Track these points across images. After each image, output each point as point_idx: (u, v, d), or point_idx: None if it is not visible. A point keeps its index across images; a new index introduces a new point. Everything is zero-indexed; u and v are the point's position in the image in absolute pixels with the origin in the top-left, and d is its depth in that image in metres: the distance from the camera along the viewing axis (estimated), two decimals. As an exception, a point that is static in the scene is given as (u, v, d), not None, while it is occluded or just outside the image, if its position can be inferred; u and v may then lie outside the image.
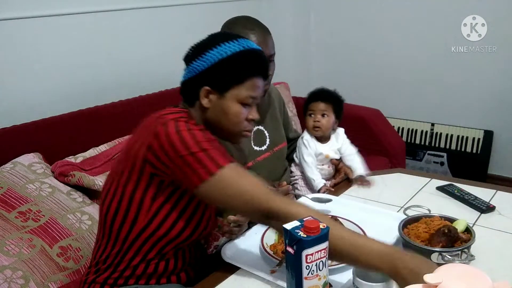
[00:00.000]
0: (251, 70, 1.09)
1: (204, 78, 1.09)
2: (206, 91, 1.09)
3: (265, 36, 1.44)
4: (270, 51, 1.45)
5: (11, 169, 1.45)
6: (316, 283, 0.91)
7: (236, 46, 1.08)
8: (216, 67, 1.07)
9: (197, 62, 1.09)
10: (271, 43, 1.46)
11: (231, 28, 1.45)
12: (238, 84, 1.08)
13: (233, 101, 1.09)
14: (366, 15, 3.18)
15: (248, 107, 1.12)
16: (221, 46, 1.07)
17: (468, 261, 1.04)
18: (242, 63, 1.08)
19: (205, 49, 1.08)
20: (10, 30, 1.76)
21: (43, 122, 1.67)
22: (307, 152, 1.65)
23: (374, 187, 1.58)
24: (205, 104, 1.10)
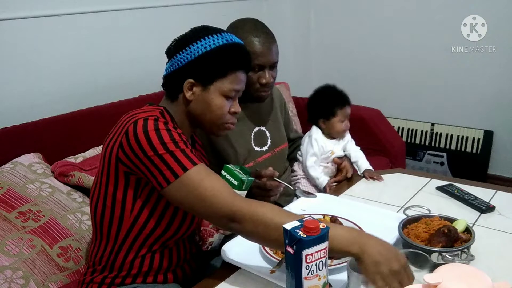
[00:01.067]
0: (234, 64, 1.11)
1: (187, 71, 1.10)
2: (189, 84, 1.10)
3: (269, 43, 1.44)
4: (274, 59, 1.46)
5: (11, 169, 1.45)
6: (316, 283, 0.91)
7: (220, 39, 1.10)
8: (199, 60, 1.08)
9: (181, 55, 1.10)
10: (275, 50, 1.46)
11: (236, 32, 1.44)
12: (222, 77, 1.10)
13: (216, 94, 1.11)
14: (366, 15, 3.18)
15: (231, 100, 1.14)
16: (204, 40, 1.09)
17: (468, 261, 1.04)
18: (225, 57, 1.10)
19: (189, 43, 1.10)
20: (10, 30, 1.76)
21: (43, 122, 1.67)
22: (312, 152, 1.65)
23: (374, 187, 1.58)
24: (188, 96, 1.11)
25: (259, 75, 1.44)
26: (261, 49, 1.41)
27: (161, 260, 1.13)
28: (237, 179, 1.16)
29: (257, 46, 1.41)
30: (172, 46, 1.14)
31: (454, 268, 0.98)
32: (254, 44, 1.41)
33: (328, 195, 1.52)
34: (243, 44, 1.16)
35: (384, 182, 1.61)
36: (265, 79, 1.44)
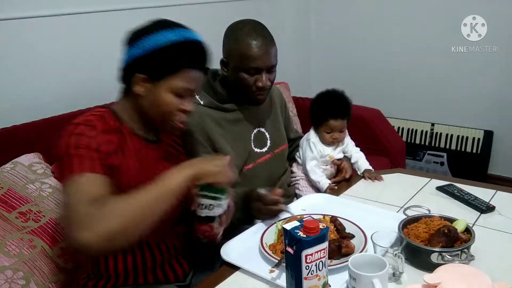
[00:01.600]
0: (187, 62, 1.08)
1: (138, 65, 1.08)
2: (140, 78, 1.08)
3: (267, 47, 1.42)
4: (271, 62, 1.44)
5: (11, 169, 1.45)
6: (316, 283, 0.91)
7: (174, 35, 1.07)
8: (150, 54, 1.06)
9: (133, 48, 1.08)
10: (273, 53, 1.44)
11: (235, 33, 1.45)
12: (172, 74, 1.07)
13: (166, 90, 1.08)
14: (366, 15, 3.18)
15: (183, 98, 1.11)
16: (158, 34, 1.06)
17: (468, 261, 1.04)
18: (177, 53, 1.06)
19: (142, 35, 1.07)
20: (10, 30, 1.76)
21: (43, 122, 1.67)
22: (312, 156, 1.65)
23: (374, 187, 1.58)
24: (138, 91, 1.09)
25: (256, 78, 1.43)
26: (258, 52, 1.40)
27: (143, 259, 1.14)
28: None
29: (254, 49, 1.39)
30: (127, 38, 1.11)
31: (454, 268, 0.98)
32: (251, 47, 1.39)
33: (328, 195, 1.52)
34: (199, 41, 1.11)
35: (384, 182, 1.61)
36: (261, 83, 1.43)
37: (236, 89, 1.47)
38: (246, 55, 1.40)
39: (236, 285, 1.07)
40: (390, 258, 1.00)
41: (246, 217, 1.38)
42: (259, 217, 1.35)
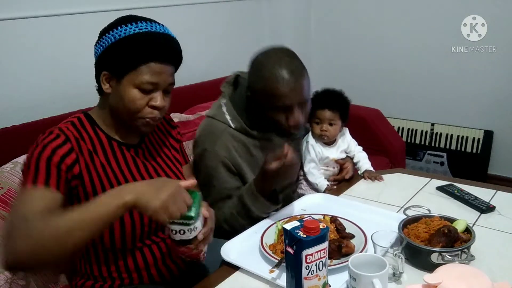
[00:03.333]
0: (147, 54, 1.03)
1: (102, 63, 1.06)
2: (105, 76, 1.06)
3: (296, 80, 1.29)
4: (302, 98, 1.31)
5: (11, 169, 1.45)
6: (316, 283, 0.91)
7: (133, 28, 1.03)
8: (110, 50, 1.03)
9: (97, 46, 1.07)
10: (305, 87, 1.31)
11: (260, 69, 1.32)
12: (133, 69, 1.03)
13: (129, 86, 1.04)
14: (366, 15, 3.18)
15: (149, 93, 1.05)
16: (117, 29, 1.04)
17: (468, 261, 1.04)
18: (135, 47, 1.02)
19: (105, 32, 1.05)
20: (10, 30, 1.76)
21: (43, 122, 1.68)
22: (309, 158, 1.65)
23: (374, 187, 1.58)
24: (105, 89, 1.07)
25: (287, 115, 1.31)
26: (285, 89, 1.26)
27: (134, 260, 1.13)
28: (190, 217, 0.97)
29: (280, 86, 1.26)
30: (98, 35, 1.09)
31: (454, 268, 0.98)
32: (277, 85, 1.26)
33: (328, 195, 1.52)
34: (159, 33, 1.05)
35: (384, 182, 1.61)
36: (293, 121, 1.31)
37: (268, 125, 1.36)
38: (271, 95, 1.28)
39: (236, 285, 1.07)
40: (390, 258, 1.00)
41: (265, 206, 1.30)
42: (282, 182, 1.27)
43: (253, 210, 1.30)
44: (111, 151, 1.10)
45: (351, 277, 0.92)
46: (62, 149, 1.00)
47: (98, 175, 1.06)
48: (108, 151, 1.10)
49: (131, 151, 1.14)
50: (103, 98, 1.11)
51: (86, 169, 1.04)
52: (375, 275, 0.89)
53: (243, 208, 1.31)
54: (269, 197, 1.30)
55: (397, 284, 1.01)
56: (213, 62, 2.40)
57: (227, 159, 1.35)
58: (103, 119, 1.12)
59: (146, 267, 1.14)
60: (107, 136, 1.11)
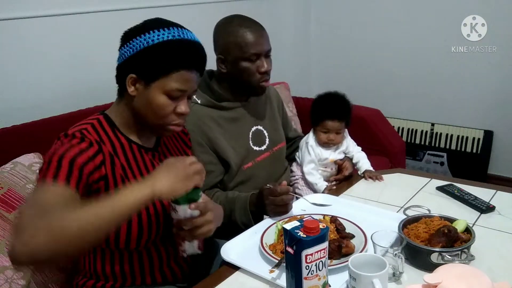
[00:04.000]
0: (180, 62, 1.03)
1: (130, 65, 1.05)
2: (132, 79, 1.05)
3: (261, 31, 1.47)
4: (268, 46, 1.48)
5: (12, 169, 1.45)
6: (316, 283, 0.91)
7: (166, 34, 1.03)
8: (142, 54, 1.03)
9: (126, 48, 1.06)
10: (267, 38, 1.49)
11: (225, 27, 1.48)
12: (165, 75, 1.03)
13: (159, 92, 1.04)
14: (366, 15, 3.18)
15: (177, 100, 1.06)
16: (150, 34, 1.03)
17: (468, 261, 1.04)
18: (169, 53, 1.02)
19: (135, 35, 1.04)
20: (10, 30, 1.76)
21: (43, 122, 1.67)
22: (309, 159, 1.65)
23: (374, 187, 1.58)
24: (131, 92, 1.06)
25: (257, 64, 1.46)
26: (254, 37, 1.44)
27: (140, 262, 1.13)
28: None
29: (249, 35, 1.43)
30: (122, 37, 1.08)
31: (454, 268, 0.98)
32: (246, 34, 1.43)
33: (328, 195, 1.52)
34: (193, 41, 1.07)
35: (384, 182, 1.61)
36: (264, 67, 1.46)
37: (239, 82, 1.49)
38: (244, 43, 1.43)
39: (236, 285, 1.07)
40: (390, 258, 1.00)
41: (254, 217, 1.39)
42: (273, 213, 1.33)
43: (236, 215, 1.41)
44: (131, 153, 1.10)
45: (351, 277, 0.92)
46: (87, 152, 1.00)
47: (121, 176, 1.06)
48: (128, 153, 1.10)
49: (149, 154, 1.14)
50: (124, 99, 1.10)
51: (111, 170, 1.04)
52: (375, 275, 0.89)
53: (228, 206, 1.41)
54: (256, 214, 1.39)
55: (397, 284, 1.01)
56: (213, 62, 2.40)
57: (196, 134, 1.43)
58: (122, 121, 1.11)
59: (151, 269, 1.14)
60: (127, 138, 1.11)
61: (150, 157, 1.14)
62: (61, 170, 0.94)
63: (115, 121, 1.11)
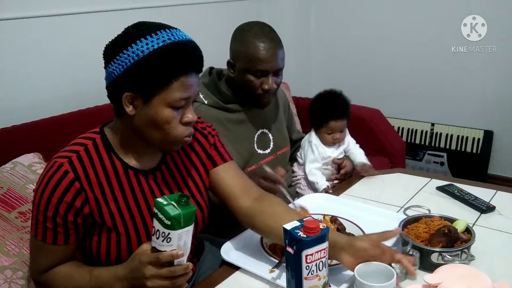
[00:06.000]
0: (177, 69, 0.93)
1: (123, 84, 0.94)
2: (128, 98, 0.95)
3: (274, 49, 1.41)
4: (278, 65, 1.43)
5: (11, 169, 1.45)
6: (316, 283, 0.91)
7: (155, 41, 0.92)
8: (134, 70, 0.92)
9: (114, 65, 0.95)
10: (280, 56, 1.43)
11: (243, 35, 1.45)
12: (164, 87, 0.93)
13: (162, 106, 0.94)
14: (366, 15, 3.18)
15: (181, 110, 0.97)
16: (137, 44, 0.92)
17: (468, 261, 1.04)
18: (164, 63, 0.92)
19: (121, 49, 0.94)
20: (10, 30, 1.76)
21: (43, 122, 1.67)
22: (313, 158, 1.65)
23: (374, 187, 1.58)
24: (129, 112, 0.96)
25: (262, 80, 1.43)
26: (265, 54, 1.39)
27: None
28: (168, 217, 0.85)
29: (261, 51, 1.39)
30: (105, 53, 0.98)
31: (454, 268, 0.98)
32: (259, 49, 1.39)
33: (328, 195, 1.52)
34: (184, 41, 0.96)
35: (384, 182, 1.61)
36: (267, 85, 1.42)
37: (242, 91, 1.48)
38: (253, 58, 1.40)
39: (236, 285, 1.07)
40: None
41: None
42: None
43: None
44: (127, 180, 1.03)
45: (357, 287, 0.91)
46: (69, 194, 0.96)
47: (109, 209, 1.00)
48: (123, 180, 1.03)
49: (149, 178, 1.06)
50: (121, 118, 1.01)
51: (97, 207, 0.99)
52: (382, 285, 0.87)
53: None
54: None
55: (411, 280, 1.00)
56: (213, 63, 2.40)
57: None
58: (120, 141, 1.03)
59: None
60: (123, 163, 1.03)
61: (151, 181, 1.07)
62: (47, 231, 0.99)
63: (113, 142, 1.03)
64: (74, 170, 0.97)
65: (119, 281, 0.94)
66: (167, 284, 0.87)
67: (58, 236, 0.99)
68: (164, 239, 0.85)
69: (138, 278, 0.89)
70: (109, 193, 1.00)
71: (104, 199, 1.00)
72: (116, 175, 1.02)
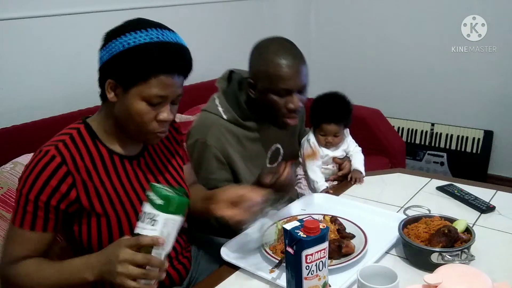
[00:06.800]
0: (159, 66, 0.96)
1: (108, 70, 0.99)
2: (111, 84, 0.99)
3: (298, 65, 1.33)
4: (302, 82, 1.35)
5: (11, 169, 1.45)
6: (316, 283, 0.91)
7: (144, 37, 0.96)
8: (118, 58, 0.97)
9: (104, 51, 1.00)
10: (305, 72, 1.35)
11: (261, 53, 1.36)
12: (143, 80, 0.97)
13: (137, 98, 0.98)
14: (366, 15, 3.18)
15: (158, 107, 1.00)
16: (126, 36, 0.96)
17: (468, 261, 1.04)
18: (146, 58, 0.95)
19: (113, 37, 0.98)
20: (10, 30, 1.76)
21: (43, 122, 1.68)
22: None
23: (374, 187, 1.58)
24: (110, 98, 1.00)
25: (287, 100, 1.34)
26: (288, 72, 1.30)
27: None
28: (161, 196, 0.88)
29: (284, 69, 1.30)
30: (102, 38, 1.02)
31: (454, 268, 0.98)
32: (280, 67, 1.30)
33: (328, 195, 1.52)
34: (173, 43, 0.99)
35: (384, 182, 1.61)
36: (293, 104, 1.34)
37: (265, 112, 1.39)
38: (275, 77, 1.31)
39: (236, 285, 1.07)
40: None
41: None
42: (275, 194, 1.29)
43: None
44: (112, 165, 1.06)
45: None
46: (55, 178, 0.97)
47: (98, 194, 1.02)
48: (108, 165, 1.05)
49: (133, 163, 1.10)
50: (106, 105, 1.05)
51: (84, 191, 1.00)
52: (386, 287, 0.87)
53: None
54: None
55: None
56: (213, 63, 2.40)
57: (217, 149, 1.38)
58: (104, 128, 1.07)
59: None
60: (108, 149, 1.06)
61: (134, 167, 1.10)
62: (26, 215, 0.98)
63: (97, 130, 1.06)
64: (61, 155, 0.99)
65: (89, 268, 0.92)
66: (137, 272, 0.85)
67: (37, 220, 0.98)
68: (150, 221, 0.87)
69: (110, 262, 0.87)
70: (96, 177, 1.03)
71: (92, 182, 1.02)
72: (101, 160, 1.05)
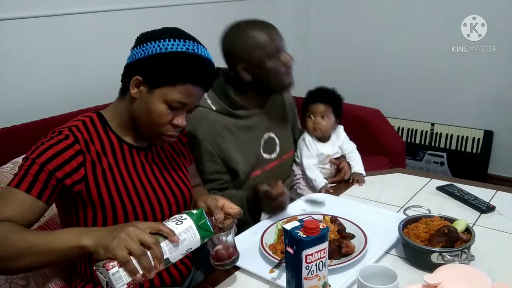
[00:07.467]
0: (188, 75, 1.03)
1: (138, 68, 1.04)
2: (137, 81, 1.05)
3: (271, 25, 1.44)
4: (283, 39, 1.45)
5: (11, 169, 1.45)
6: (316, 283, 0.91)
7: (181, 46, 1.03)
8: (152, 59, 1.03)
9: (138, 49, 1.05)
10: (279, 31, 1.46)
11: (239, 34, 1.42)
12: (170, 84, 1.03)
13: (159, 99, 1.04)
14: (366, 15, 3.18)
15: (176, 111, 1.06)
16: (165, 41, 1.03)
17: (468, 261, 1.04)
18: (180, 65, 1.03)
19: (150, 39, 1.04)
20: (10, 30, 1.76)
21: (43, 122, 1.68)
22: (308, 154, 1.65)
23: (374, 187, 1.58)
24: (133, 94, 1.05)
25: (280, 58, 1.42)
26: (270, 33, 1.40)
27: None
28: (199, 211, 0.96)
29: (265, 33, 1.40)
30: (137, 38, 1.09)
31: (454, 268, 0.98)
32: (262, 33, 1.39)
33: (328, 195, 1.52)
34: (205, 58, 1.06)
35: (384, 182, 1.61)
36: (285, 59, 1.43)
37: (267, 84, 1.45)
38: (264, 42, 1.39)
39: (236, 285, 1.07)
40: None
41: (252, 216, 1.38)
42: (270, 212, 1.35)
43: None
44: (121, 153, 1.10)
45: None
46: (63, 155, 0.99)
47: (105, 177, 1.05)
48: (117, 152, 1.09)
49: (141, 155, 1.14)
50: (124, 99, 1.10)
51: (92, 171, 1.03)
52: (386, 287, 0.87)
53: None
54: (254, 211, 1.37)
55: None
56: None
57: (207, 142, 1.41)
58: (118, 120, 1.11)
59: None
60: (118, 138, 1.10)
61: (142, 158, 1.14)
62: (26, 176, 0.97)
63: (110, 120, 1.11)
64: (75, 136, 1.03)
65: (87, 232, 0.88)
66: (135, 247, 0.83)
67: (35, 185, 0.97)
68: (176, 220, 0.93)
69: (115, 229, 0.86)
70: (105, 161, 1.06)
71: (101, 164, 1.05)
72: (111, 147, 1.09)
